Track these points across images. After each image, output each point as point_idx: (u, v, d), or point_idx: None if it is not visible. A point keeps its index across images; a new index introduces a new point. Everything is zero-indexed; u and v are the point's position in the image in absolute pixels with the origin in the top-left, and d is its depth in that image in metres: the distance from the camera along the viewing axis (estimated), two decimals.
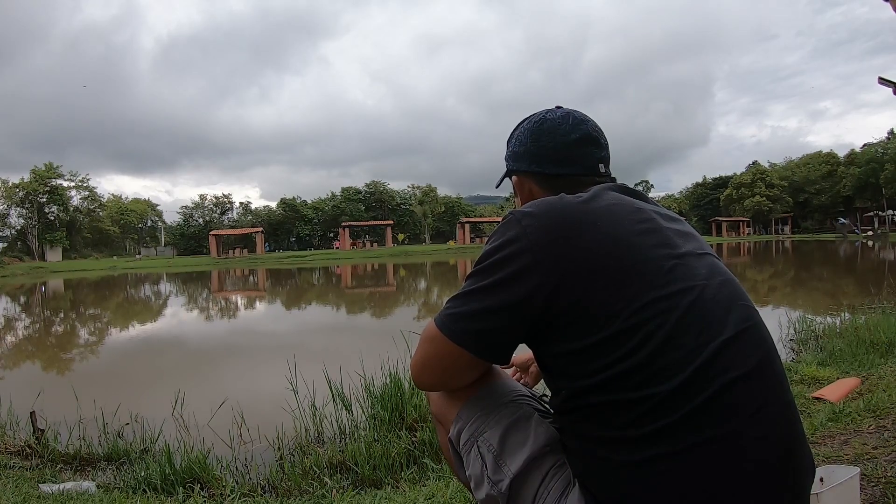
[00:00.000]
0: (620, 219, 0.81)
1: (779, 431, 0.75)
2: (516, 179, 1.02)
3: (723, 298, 0.79)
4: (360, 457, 2.57)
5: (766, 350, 0.79)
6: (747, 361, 0.76)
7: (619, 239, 0.79)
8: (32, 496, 2.35)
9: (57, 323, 12.06)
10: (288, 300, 15.61)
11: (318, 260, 38.88)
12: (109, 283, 26.47)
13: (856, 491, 1.41)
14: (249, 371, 5.89)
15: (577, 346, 0.77)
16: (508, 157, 1.04)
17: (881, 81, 3.40)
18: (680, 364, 0.73)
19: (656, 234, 0.82)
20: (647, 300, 0.75)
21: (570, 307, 0.77)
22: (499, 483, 0.89)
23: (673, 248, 0.81)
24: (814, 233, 52.96)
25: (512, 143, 1.03)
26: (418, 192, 64.57)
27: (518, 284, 0.79)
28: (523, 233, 0.80)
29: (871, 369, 3.19)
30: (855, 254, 24.62)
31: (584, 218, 0.80)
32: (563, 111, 1.00)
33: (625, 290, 0.76)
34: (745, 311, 0.80)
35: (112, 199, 59.30)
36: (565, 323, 0.78)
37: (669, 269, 0.78)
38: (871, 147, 54.31)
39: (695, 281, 0.79)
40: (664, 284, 0.77)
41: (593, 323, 0.76)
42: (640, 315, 0.74)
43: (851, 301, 7.17)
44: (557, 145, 0.96)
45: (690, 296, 0.77)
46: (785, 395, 0.79)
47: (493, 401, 0.99)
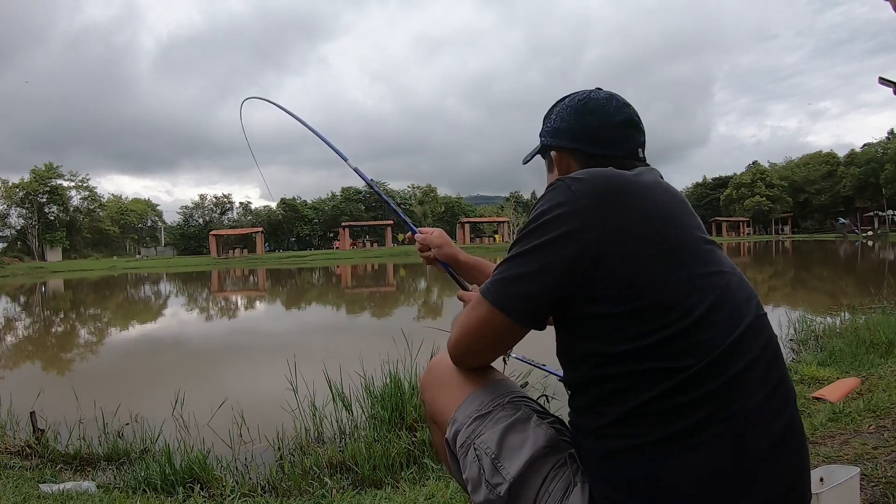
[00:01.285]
0: (666, 196, 0.85)
1: (783, 416, 0.78)
2: (556, 155, 1.01)
3: (744, 286, 0.84)
4: (360, 457, 2.57)
5: (775, 339, 0.84)
6: (764, 348, 0.80)
7: (669, 213, 0.83)
8: (32, 496, 2.35)
9: (57, 323, 12.06)
10: (288, 300, 15.61)
11: (318, 260, 38.87)
12: (109, 283, 26.46)
13: (856, 491, 1.41)
14: (249, 371, 5.88)
15: (617, 310, 0.77)
16: (547, 132, 1.03)
17: (881, 81, 3.40)
18: (712, 342, 0.75)
19: (693, 218, 0.86)
20: (691, 275, 0.78)
21: (615, 271, 0.78)
22: (497, 487, 0.88)
23: (704, 233, 0.86)
24: (814, 233, 52.96)
25: (552, 119, 1.02)
26: (418, 192, 64.57)
27: (564, 246, 0.79)
28: (572, 197, 0.81)
29: (871, 369, 3.19)
30: (855, 254, 24.61)
31: (636, 188, 0.83)
32: (605, 93, 0.99)
33: (671, 262, 0.78)
34: (757, 301, 0.85)
35: (112, 199, 59.30)
36: (607, 286, 0.78)
37: (706, 251, 0.83)
38: (871, 147, 54.29)
39: (724, 267, 0.83)
40: (705, 264, 0.81)
41: (636, 290, 0.77)
42: (683, 288, 0.77)
43: (851, 301, 7.17)
44: (601, 126, 0.96)
45: (724, 278, 0.81)
46: (788, 382, 0.82)
47: (490, 402, 0.98)
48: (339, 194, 63.03)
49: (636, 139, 0.98)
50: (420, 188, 65.09)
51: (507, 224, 55.20)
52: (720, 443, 0.73)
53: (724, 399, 0.74)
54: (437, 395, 1.06)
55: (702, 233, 0.85)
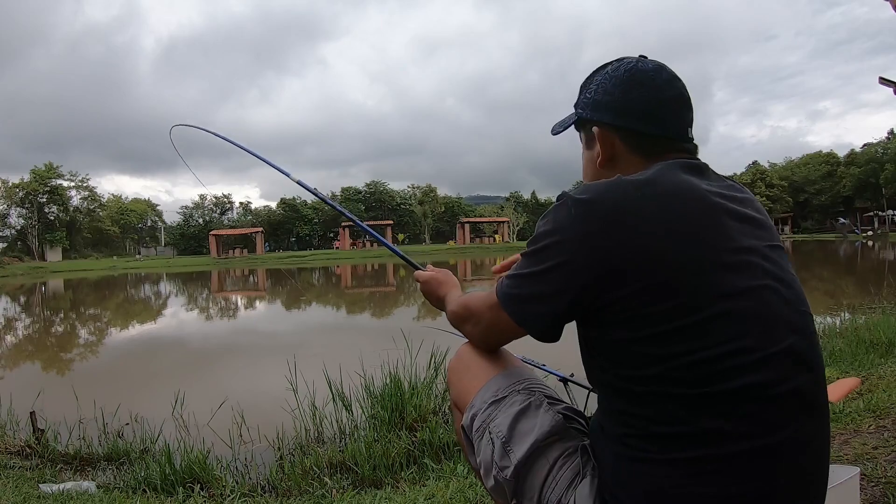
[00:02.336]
0: (681, 209, 0.74)
1: (813, 456, 0.77)
2: (599, 132, 0.90)
3: (783, 302, 0.76)
4: (360, 457, 2.57)
5: (816, 368, 0.77)
6: (802, 372, 0.75)
7: (690, 231, 0.73)
8: (32, 496, 2.35)
9: (57, 323, 12.06)
10: (288, 300, 15.61)
11: (318, 260, 38.87)
12: (109, 283, 26.46)
13: (856, 491, 1.41)
14: (249, 371, 5.88)
15: (630, 336, 0.74)
16: (587, 104, 0.92)
17: (882, 81, 3.40)
18: (742, 366, 0.71)
19: (721, 226, 0.75)
20: (709, 298, 0.71)
21: (620, 301, 0.73)
22: (504, 470, 0.89)
23: (736, 241, 0.75)
24: (814, 233, 52.95)
25: (592, 90, 0.91)
26: (418, 192, 64.60)
27: (564, 279, 0.77)
28: (571, 223, 0.76)
29: (871, 369, 3.18)
30: (855, 254, 24.61)
31: (641, 208, 0.74)
32: (654, 63, 0.89)
33: (682, 288, 0.71)
34: (803, 320, 0.77)
35: (112, 199, 59.34)
36: (615, 314, 0.75)
37: (735, 265, 0.74)
38: (871, 147, 54.28)
39: (758, 280, 0.74)
40: (729, 282, 0.72)
41: (648, 319, 0.72)
42: (701, 313, 0.71)
43: (851, 301, 7.16)
44: (651, 100, 0.86)
45: (753, 298, 0.73)
46: (826, 425, 0.79)
47: (506, 387, 0.99)
48: (339, 194, 63.04)
49: (687, 117, 0.88)
50: (420, 188, 65.15)
51: (507, 224, 55.20)
52: (751, 471, 0.71)
53: (758, 427, 0.71)
54: (461, 381, 1.07)
55: (731, 241, 0.75)
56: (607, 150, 0.89)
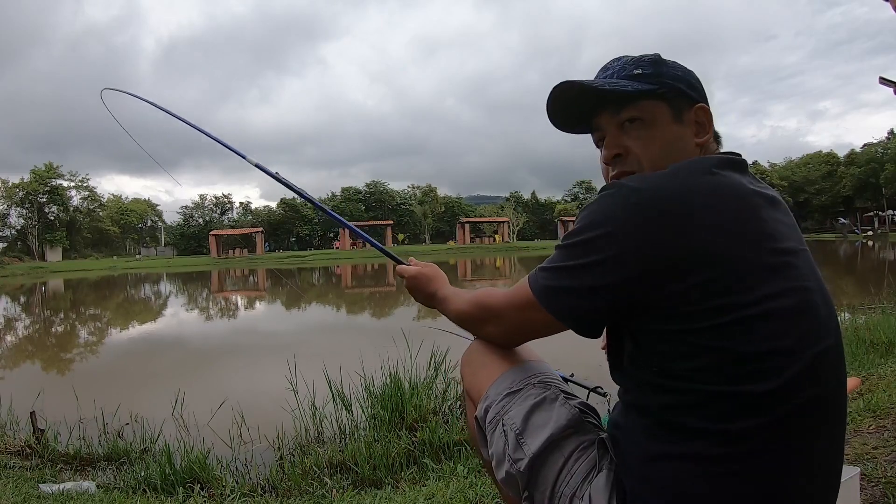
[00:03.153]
0: (730, 203, 0.74)
1: (835, 452, 0.78)
2: (702, 110, 0.89)
3: (822, 304, 0.77)
4: (360, 457, 2.57)
5: (843, 371, 0.79)
6: (831, 379, 0.76)
7: (728, 228, 0.73)
8: (32, 496, 2.35)
9: (57, 323, 12.06)
10: (288, 300, 15.61)
11: (319, 260, 38.87)
12: (109, 283, 26.47)
13: (856, 491, 1.41)
14: (249, 371, 5.88)
15: (674, 328, 0.73)
16: (671, 77, 0.88)
17: (882, 81, 3.40)
18: (781, 367, 0.71)
19: (765, 224, 0.75)
20: (755, 297, 0.71)
21: (668, 296, 0.72)
22: (518, 462, 0.89)
23: (779, 241, 0.75)
24: (814, 233, 52.93)
25: (671, 69, 0.89)
26: (418, 192, 64.61)
27: (615, 271, 0.74)
28: (623, 214, 0.74)
29: (871, 369, 3.18)
30: (855, 254, 24.61)
31: (697, 202, 0.73)
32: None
33: (730, 283, 0.71)
34: (835, 323, 0.79)
35: (112, 199, 59.39)
36: (662, 308, 0.73)
37: (778, 265, 0.74)
38: (871, 147, 54.31)
39: (800, 281, 0.75)
40: (773, 281, 0.73)
41: (692, 313, 0.72)
42: (747, 310, 0.71)
43: (851, 301, 7.17)
44: (694, 79, 0.91)
45: (796, 297, 0.74)
46: (844, 428, 0.80)
47: (521, 380, 0.99)
48: (339, 194, 63.05)
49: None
50: (420, 188, 65.17)
51: (507, 224, 55.18)
52: (780, 470, 0.71)
53: (789, 428, 0.72)
54: (475, 372, 1.07)
55: (775, 241, 0.75)
56: (703, 134, 0.89)
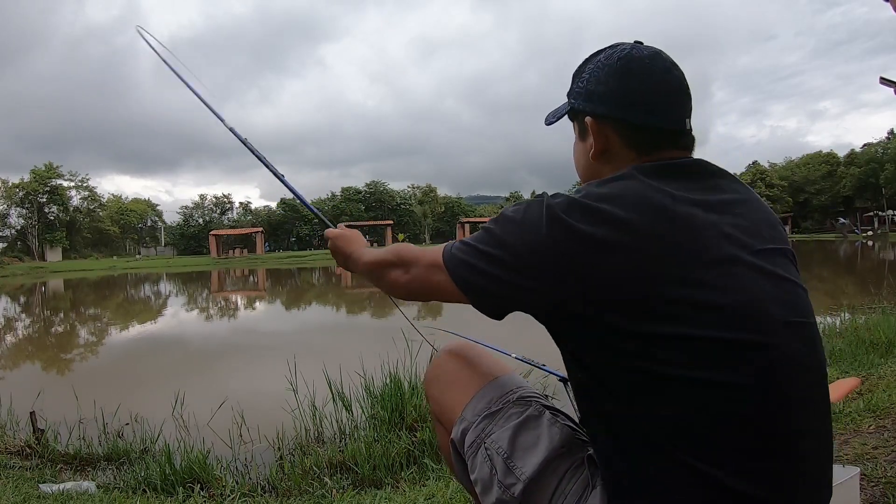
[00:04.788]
0: (648, 226, 0.69)
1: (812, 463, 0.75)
2: (592, 123, 0.84)
3: (771, 311, 0.70)
4: (360, 457, 2.57)
5: (808, 383, 0.74)
6: (786, 396, 0.71)
7: (641, 251, 0.68)
8: (32, 496, 2.35)
9: (57, 323, 12.06)
10: (288, 300, 15.61)
11: (319, 260, 38.86)
12: (109, 283, 26.46)
13: (856, 491, 1.41)
14: (249, 371, 5.88)
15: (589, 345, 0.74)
16: (579, 94, 0.86)
17: (882, 81, 3.40)
18: (696, 392, 0.69)
19: (691, 242, 0.69)
20: (672, 313, 0.67)
21: (579, 318, 0.71)
22: (511, 487, 0.85)
23: (712, 252, 0.69)
24: (814, 233, 52.93)
25: (584, 79, 0.85)
26: (418, 192, 64.59)
27: (516, 272, 0.73)
28: (534, 226, 0.72)
29: (871, 369, 3.18)
30: (855, 254, 24.61)
31: (602, 224, 0.69)
32: (650, 50, 0.83)
33: (644, 306, 0.68)
34: (797, 332, 0.73)
35: (112, 199, 59.39)
36: (574, 326, 0.73)
37: (703, 281, 0.68)
38: (871, 147, 54.31)
39: (737, 295, 0.69)
40: (697, 296, 0.68)
41: (611, 332, 0.69)
42: (659, 328, 0.68)
43: (851, 301, 7.16)
44: (647, 91, 0.80)
45: (731, 308, 0.68)
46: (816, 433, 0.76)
47: (499, 399, 0.94)
48: (338, 194, 63.04)
49: (685, 107, 0.82)
50: (420, 188, 65.14)
51: None
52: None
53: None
54: (443, 392, 1.02)
55: (712, 252, 0.69)
56: (601, 143, 0.84)
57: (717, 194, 0.76)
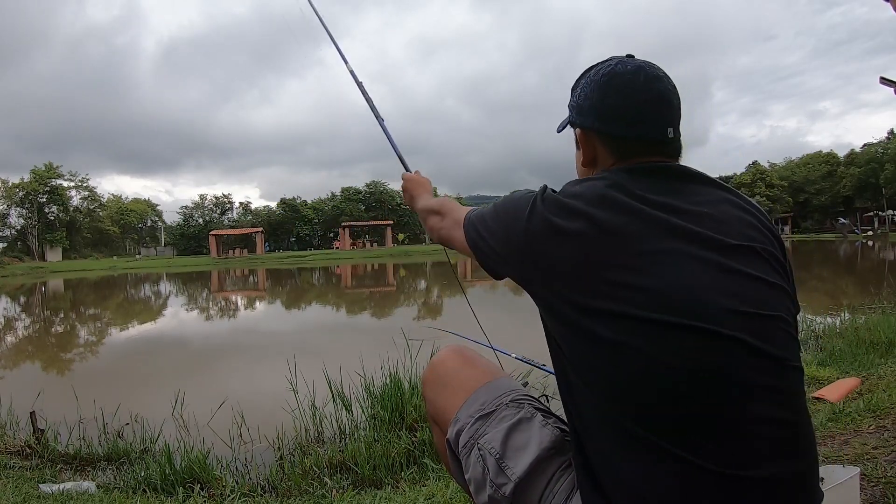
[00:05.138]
0: (599, 222, 0.77)
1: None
2: (580, 133, 0.94)
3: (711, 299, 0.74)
4: (360, 457, 2.57)
5: (778, 362, 0.76)
6: (729, 392, 0.74)
7: (585, 243, 0.78)
8: (32, 496, 2.35)
9: (57, 323, 12.06)
10: (288, 300, 15.61)
11: (318, 260, 38.87)
12: (109, 283, 26.47)
13: (856, 491, 1.41)
14: (249, 371, 5.89)
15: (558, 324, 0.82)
16: (573, 107, 0.95)
17: (883, 81, 3.40)
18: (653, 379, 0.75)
19: (631, 234, 0.76)
20: (594, 303, 0.76)
21: (545, 297, 0.82)
22: (502, 487, 0.87)
23: (646, 244, 0.76)
24: (814, 233, 52.93)
25: (577, 94, 0.94)
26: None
27: (506, 253, 0.86)
28: (525, 215, 0.83)
29: (871, 369, 3.19)
30: (855, 254, 24.61)
31: (561, 219, 0.79)
32: (634, 64, 0.89)
33: (576, 292, 0.78)
34: (751, 324, 0.75)
35: (112, 199, 59.35)
36: (546, 305, 0.83)
37: (636, 267, 0.75)
38: (871, 147, 54.26)
39: (671, 280, 0.74)
40: (623, 284, 0.77)
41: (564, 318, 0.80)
42: (590, 319, 0.77)
43: (851, 301, 7.17)
44: (625, 104, 0.87)
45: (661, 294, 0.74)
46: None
47: (492, 401, 0.97)
48: (339, 194, 63.05)
49: (666, 117, 0.87)
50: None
51: None
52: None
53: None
54: (439, 394, 1.06)
55: (646, 244, 0.75)
56: (589, 152, 0.93)
57: (680, 194, 0.82)
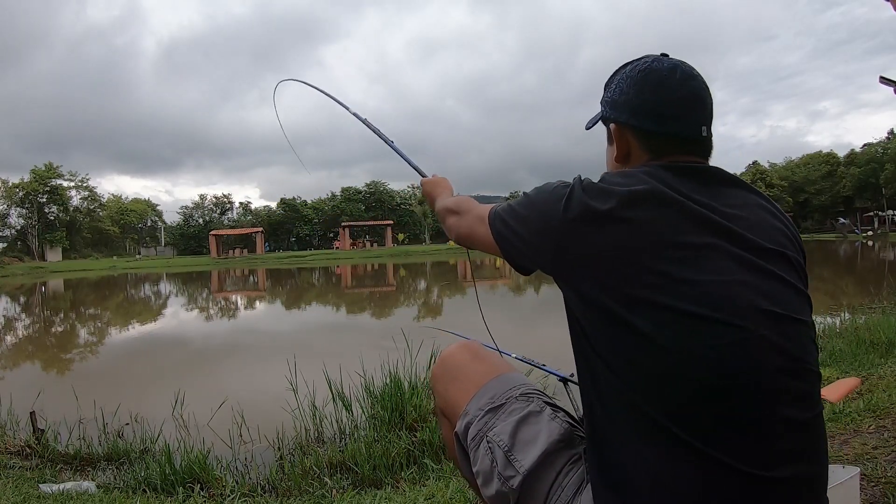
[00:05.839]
0: (641, 216, 0.77)
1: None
2: (615, 128, 0.94)
3: (748, 295, 0.75)
4: (360, 457, 2.57)
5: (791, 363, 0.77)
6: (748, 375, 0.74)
7: (622, 238, 0.77)
8: (32, 496, 2.35)
9: (57, 323, 12.06)
10: (288, 300, 15.61)
11: (318, 260, 38.88)
12: (109, 283, 26.47)
13: (856, 491, 1.41)
14: (249, 371, 5.89)
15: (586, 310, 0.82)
16: (606, 102, 0.96)
17: (883, 81, 3.39)
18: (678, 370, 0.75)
19: (668, 227, 0.76)
20: (635, 293, 0.75)
21: (579, 290, 0.80)
22: (510, 479, 0.88)
23: (686, 237, 0.76)
24: (814, 233, 52.93)
25: (611, 90, 0.95)
26: (418, 192, 64.53)
27: (537, 245, 0.84)
28: (554, 207, 0.82)
29: (871, 369, 3.19)
30: (855, 254, 24.62)
31: (601, 212, 0.78)
32: (670, 62, 0.90)
33: (612, 285, 0.77)
34: (772, 314, 0.76)
35: (112, 199, 59.36)
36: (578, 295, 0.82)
37: (677, 259, 0.75)
38: (871, 147, 54.26)
39: (711, 275, 0.75)
40: (662, 275, 0.76)
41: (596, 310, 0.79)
42: (628, 309, 0.76)
43: (851, 301, 7.17)
44: (661, 101, 0.88)
45: (699, 288, 0.74)
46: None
47: (502, 394, 0.97)
48: (339, 194, 63.04)
49: (700, 116, 0.89)
50: (420, 188, 65.06)
51: None
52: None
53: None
54: (449, 388, 1.06)
55: (686, 236, 0.76)
56: (623, 147, 0.93)
57: (717, 196, 0.81)
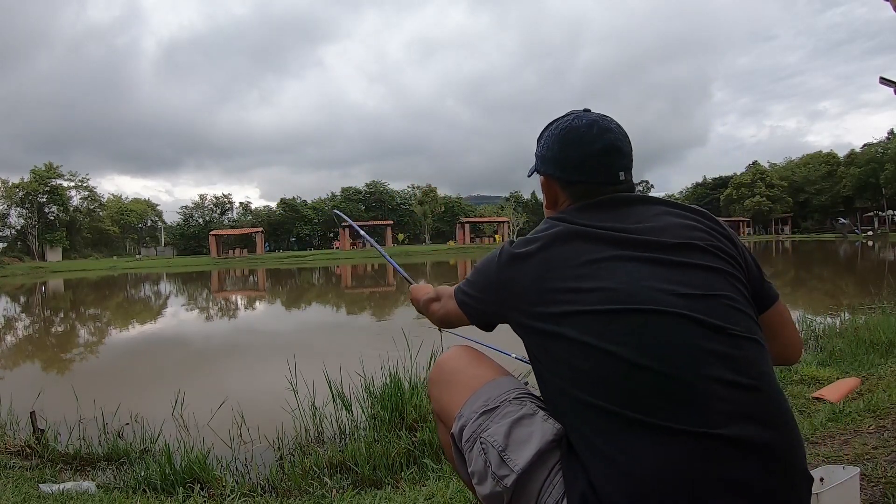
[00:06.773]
0: (550, 257, 0.95)
1: None
2: (543, 180, 1.12)
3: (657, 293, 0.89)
4: (360, 457, 2.57)
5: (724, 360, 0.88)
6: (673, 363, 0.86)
7: (538, 275, 0.95)
8: (32, 496, 2.35)
9: (57, 323, 12.06)
10: (288, 300, 15.61)
11: (318, 260, 38.87)
12: (109, 283, 26.47)
13: (856, 491, 1.41)
14: (249, 371, 5.88)
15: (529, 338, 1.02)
16: (537, 156, 1.12)
17: (882, 81, 3.40)
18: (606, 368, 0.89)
19: (574, 254, 0.94)
20: (554, 311, 0.93)
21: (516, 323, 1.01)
22: (504, 479, 0.90)
23: (585, 258, 0.92)
24: (814, 233, 52.91)
25: (540, 146, 1.11)
26: (418, 192, 64.53)
27: (484, 301, 1.06)
28: (493, 268, 1.04)
29: (871, 369, 3.18)
30: (855, 254, 24.61)
31: (518, 262, 0.98)
32: (589, 119, 1.04)
33: (535, 307, 0.96)
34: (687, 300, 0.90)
35: (112, 199, 59.35)
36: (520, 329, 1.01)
37: (580, 276, 0.91)
38: (871, 147, 54.25)
39: (605, 282, 0.90)
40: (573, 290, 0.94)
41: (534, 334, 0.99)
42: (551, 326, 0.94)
43: (851, 301, 7.17)
44: (581, 156, 1.03)
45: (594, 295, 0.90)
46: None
47: (496, 397, 1.00)
48: (339, 194, 63.04)
49: (616, 164, 1.03)
50: (420, 188, 65.06)
51: (507, 224, 55.17)
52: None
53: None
54: (444, 392, 1.09)
55: (586, 255, 0.92)
56: (550, 195, 1.11)
57: (624, 217, 0.98)
